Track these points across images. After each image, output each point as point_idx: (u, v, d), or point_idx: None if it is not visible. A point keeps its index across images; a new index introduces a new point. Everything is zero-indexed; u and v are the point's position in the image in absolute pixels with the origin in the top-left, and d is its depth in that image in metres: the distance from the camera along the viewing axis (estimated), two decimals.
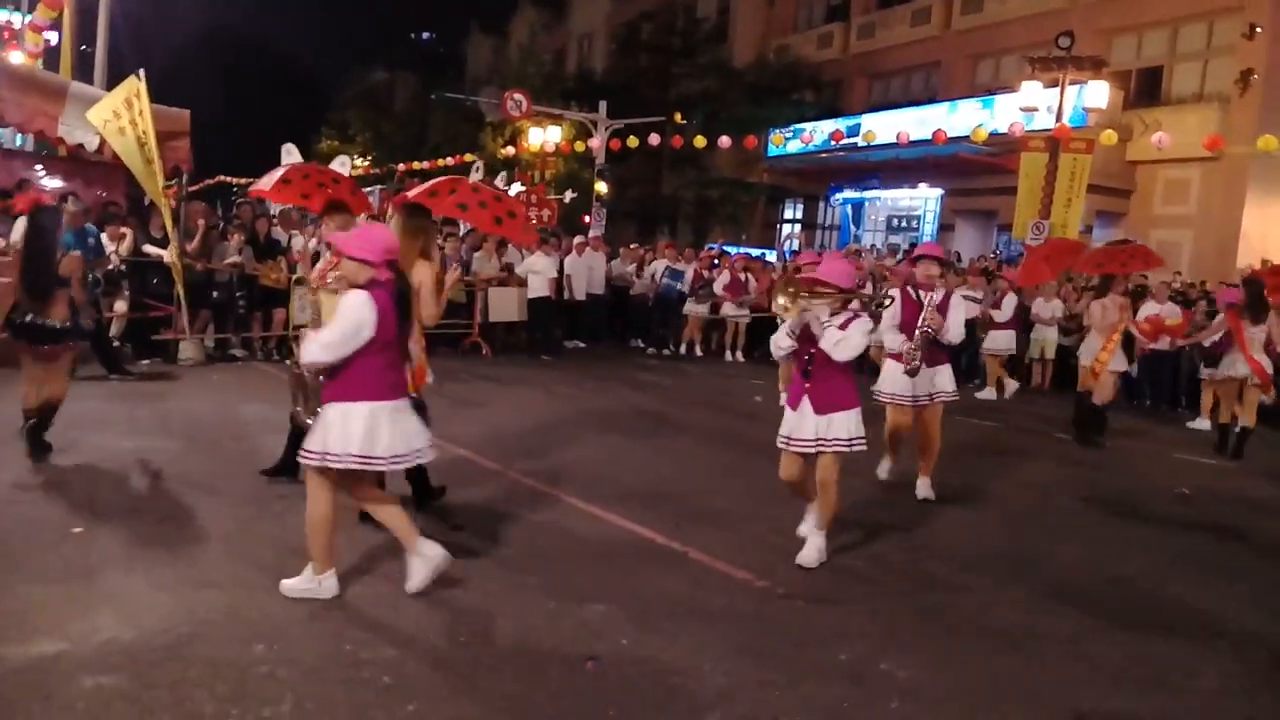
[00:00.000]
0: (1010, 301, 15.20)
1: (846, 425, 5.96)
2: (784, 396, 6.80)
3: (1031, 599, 5.90)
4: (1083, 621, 5.57)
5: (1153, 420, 13.89)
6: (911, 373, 7.67)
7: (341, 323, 4.86)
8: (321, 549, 5.08)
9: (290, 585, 5.07)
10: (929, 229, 28.67)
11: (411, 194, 6.99)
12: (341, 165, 10.42)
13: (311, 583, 5.07)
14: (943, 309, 7.75)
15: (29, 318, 7.22)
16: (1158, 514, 8.46)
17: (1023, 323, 15.95)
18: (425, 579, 5.18)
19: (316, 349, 4.89)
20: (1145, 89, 25.17)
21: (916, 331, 7.65)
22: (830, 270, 6.08)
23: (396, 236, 5.62)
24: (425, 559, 5.20)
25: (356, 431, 4.89)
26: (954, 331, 7.80)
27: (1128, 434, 12.22)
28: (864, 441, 6.07)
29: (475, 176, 8.42)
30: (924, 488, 8.07)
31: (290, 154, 11.78)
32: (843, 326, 5.87)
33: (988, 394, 14.79)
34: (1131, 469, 10.40)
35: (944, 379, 7.96)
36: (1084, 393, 11.39)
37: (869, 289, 11.41)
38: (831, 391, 5.97)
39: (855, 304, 6.00)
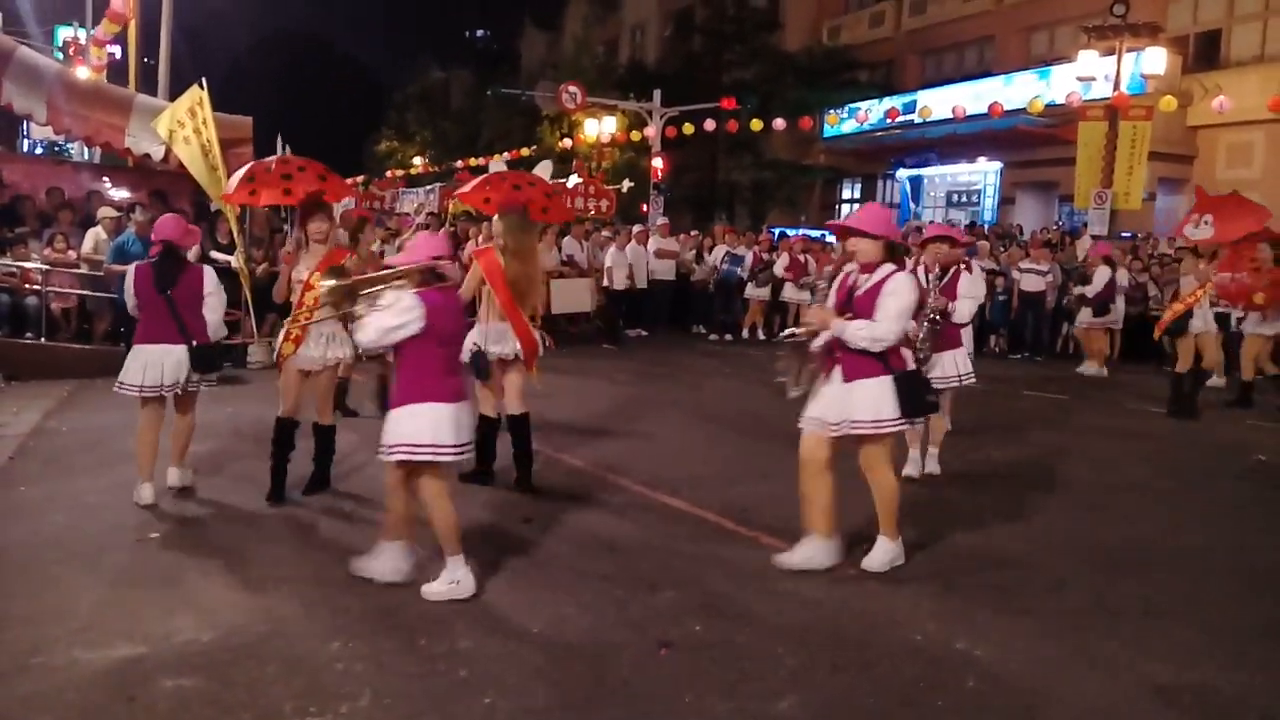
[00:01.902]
0: (1102, 275, 14.90)
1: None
2: None
3: (1105, 574, 5.83)
4: (1158, 596, 5.50)
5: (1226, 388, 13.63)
6: (921, 360, 7.25)
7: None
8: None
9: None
10: (989, 203, 28.35)
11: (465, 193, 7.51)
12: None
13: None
14: (950, 288, 7.54)
15: None
16: (1233, 482, 8.33)
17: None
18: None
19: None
20: (1204, 53, 24.63)
21: (924, 318, 7.34)
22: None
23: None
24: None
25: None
26: (960, 312, 7.52)
27: (1200, 401, 12.03)
28: None
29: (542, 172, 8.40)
30: (932, 462, 7.90)
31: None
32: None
33: (1089, 369, 14.64)
34: (1206, 438, 10.23)
35: (950, 364, 7.56)
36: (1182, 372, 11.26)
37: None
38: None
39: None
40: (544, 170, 7.99)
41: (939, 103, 24.32)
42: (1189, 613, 5.27)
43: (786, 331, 5.88)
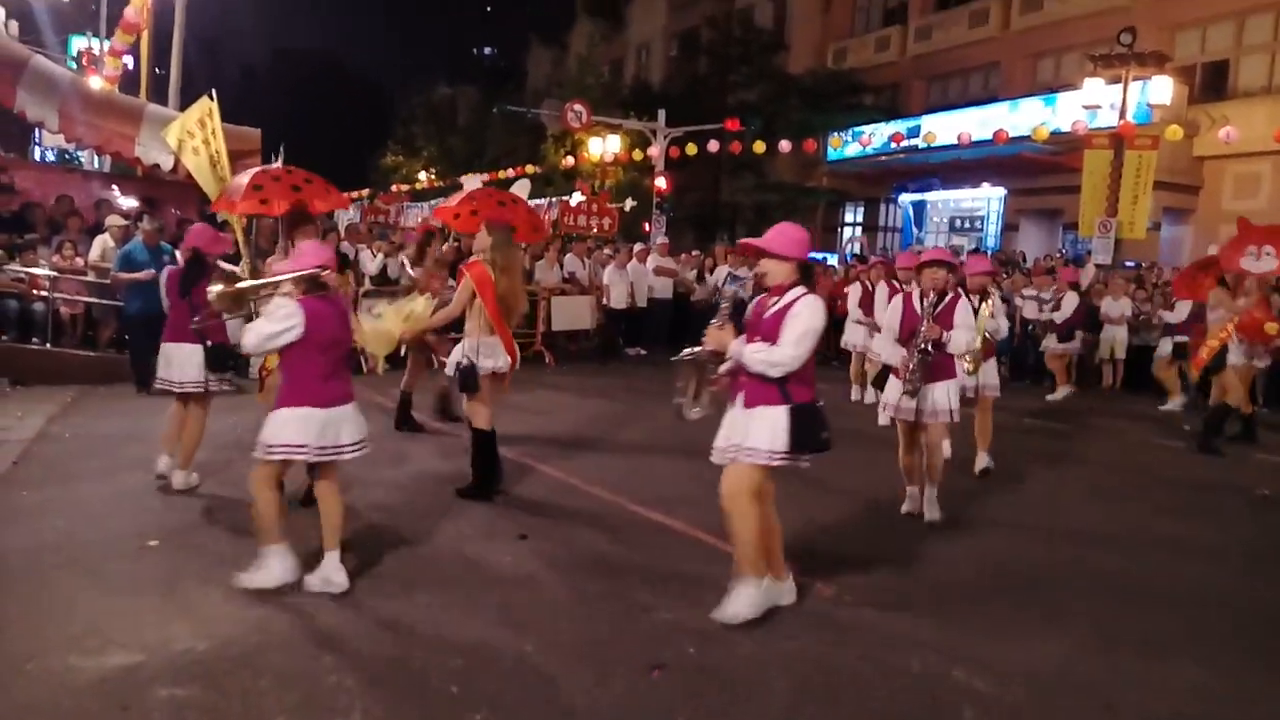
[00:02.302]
0: (1071, 301, 14.98)
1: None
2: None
3: (1105, 605, 5.82)
4: (1159, 629, 5.49)
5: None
6: (911, 393, 7.12)
7: None
8: None
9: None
10: (992, 229, 28.39)
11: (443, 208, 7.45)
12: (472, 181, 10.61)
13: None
14: (946, 316, 7.21)
15: None
16: (1236, 516, 8.32)
17: (1090, 322, 15.79)
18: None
19: None
20: (1211, 83, 24.70)
21: (914, 347, 7.10)
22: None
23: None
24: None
25: None
26: (956, 342, 7.18)
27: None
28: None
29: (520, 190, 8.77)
30: (932, 508, 7.43)
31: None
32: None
33: (1060, 393, 14.67)
34: (1209, 471, 10.22)
35: (942, 397, 7.20)
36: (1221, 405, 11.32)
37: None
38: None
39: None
40: (522, 189, 8.12)
41: (944, 128, 24.40)
42: (1190, 646, 5.25)
43: (686, 350, 5.51)
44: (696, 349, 5.43)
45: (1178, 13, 24.77)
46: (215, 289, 5.52)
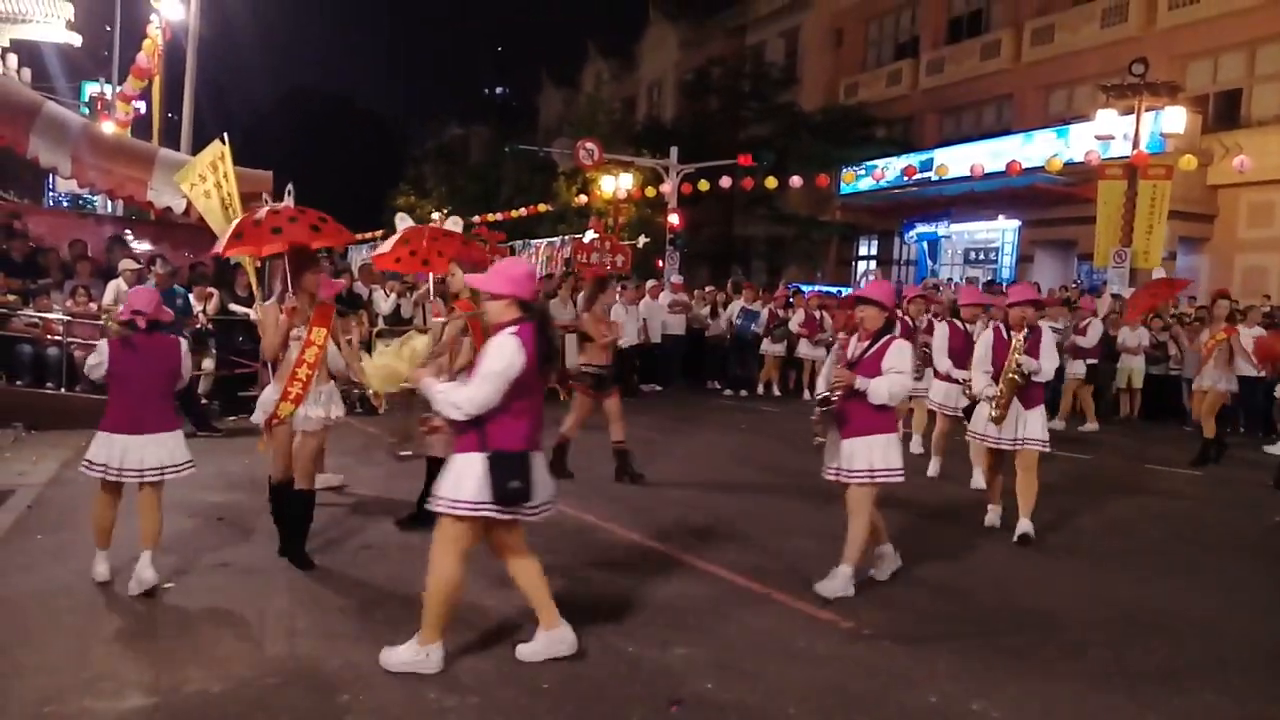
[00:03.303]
0: (1097, 329, 14.88)
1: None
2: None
3: (1124, 636, 5.78)
4: (1178, 659, 5.44)
5: (1246, 447, 13.53)
6: (821, 440, 6.49)
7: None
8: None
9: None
10: (1007, 261, 28.33)
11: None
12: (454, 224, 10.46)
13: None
14: (874, 360, 6.14)
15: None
16: (1252, 544, 8.26)
17: (1107, 352, 15.73)
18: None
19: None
20: (1224, 112, 24.65)
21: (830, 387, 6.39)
22: None
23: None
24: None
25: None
26: (875, 391, 6.07)
27: (1220, 461, 11.98)
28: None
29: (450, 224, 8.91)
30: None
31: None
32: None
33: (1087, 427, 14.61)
34: (1224, 499, 10.14)
35: (862, 454, 6.22)
36: None
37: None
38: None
39: None
40: (455, 225, 8.16)
41: (957, 160, 24.41)
42: (1209, 677, 5.20)
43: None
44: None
45: (1189, 43, 24.79)
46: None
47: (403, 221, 9.44)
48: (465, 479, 4.71)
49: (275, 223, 6.61)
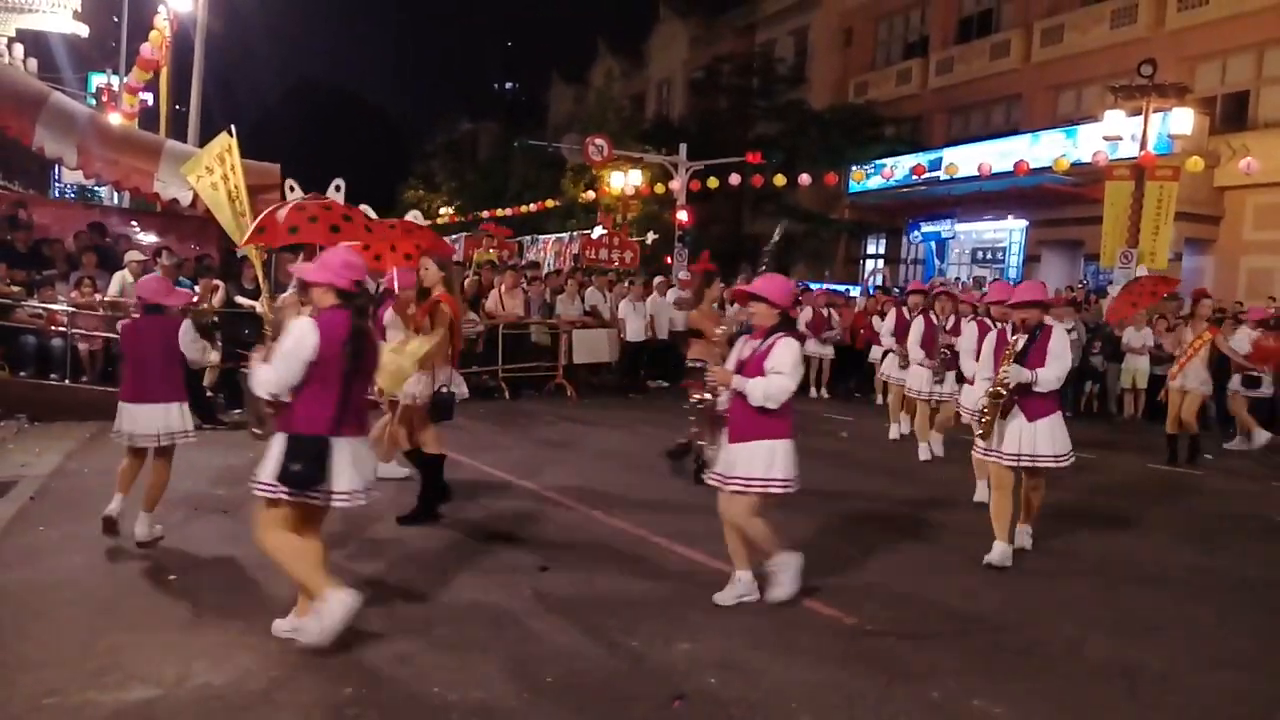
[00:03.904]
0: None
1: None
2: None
3: (1126, 634, 5.77)
4: (1178, 658, 5.44)
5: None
6: (703, 457, 6.39)
7: None
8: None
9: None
10: (1014, 260, 28.30)
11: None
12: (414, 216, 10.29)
13: (319, 616, 4.89)
14: (757, 361, 5.80)
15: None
16: (1252, 544, 8.26)
17: (1112, 352, 15.74)
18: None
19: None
20: (1231, 114, 24.62)
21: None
22: None
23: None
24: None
25: None
26: (752, 393, 5.72)
27: (1222, 460, 11.97)
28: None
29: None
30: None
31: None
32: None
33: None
34: (1227, 499, 10.13)
35: (759, 459, 5.84)
36: None
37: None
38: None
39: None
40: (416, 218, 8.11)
41: (965, 160, 24.37)
42: (1210, 676, 5.20)
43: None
44: None
45: (1197, 44, 24.75)
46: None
47: (416, 219, 9.42)
48: (269, 459, 4.89)
49: (294, 221, 6.43)
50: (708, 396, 5.82)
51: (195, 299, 12.00)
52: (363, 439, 5.13)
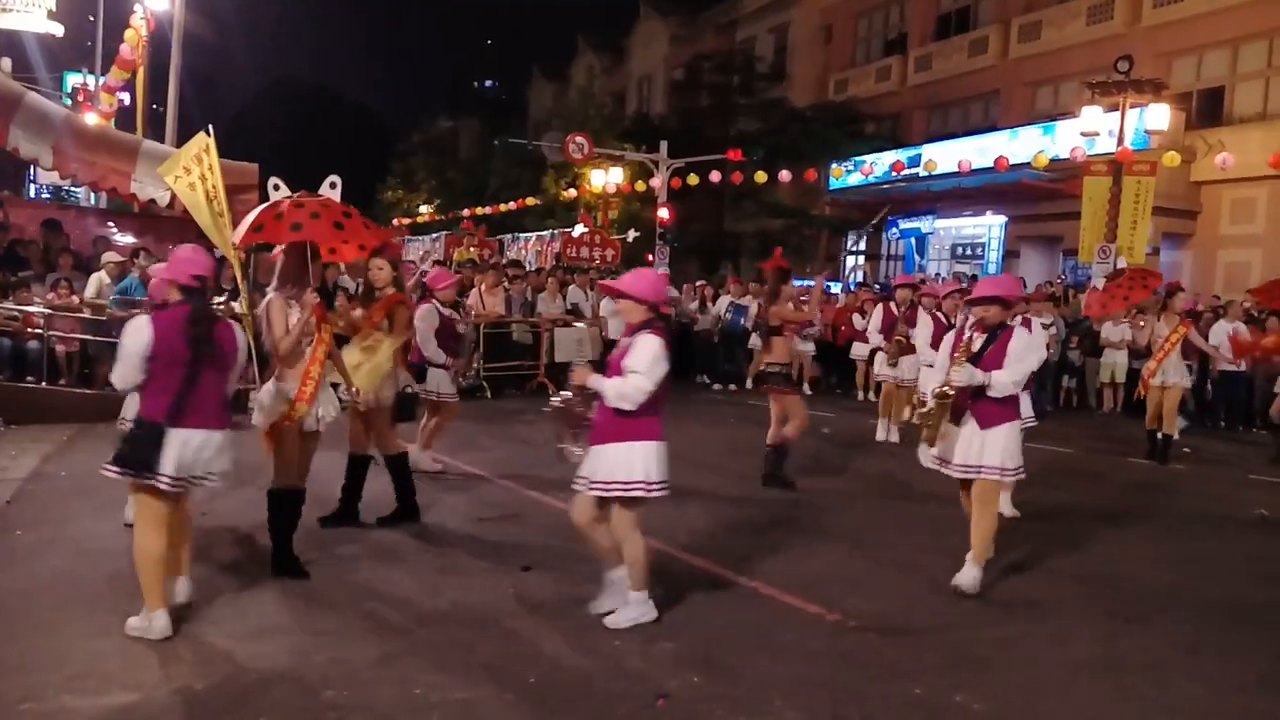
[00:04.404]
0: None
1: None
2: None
3: (1110, 627, 5.81)
4: (1160, 649, 5.48)
5: (1228, 440, 13.61)
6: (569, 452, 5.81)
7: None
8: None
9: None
10: (994, 256, 28.42)
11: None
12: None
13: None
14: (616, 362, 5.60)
15: None
16: (1234, 536, 8.34)
17: (1090, 346, 15.85)
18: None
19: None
20: (1207, 110, 24.76)
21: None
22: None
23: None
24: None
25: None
26: (608, 395, 5.43)
27: (1202, 454, 12.05)
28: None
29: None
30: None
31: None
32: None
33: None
34: (1208, 492, 10.20)
35: (629, 463, 5.49)
36: None
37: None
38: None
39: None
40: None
41: (944, 156, 24.47)
42: (1191, 666, 5.25)
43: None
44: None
45: (1173, 40, 24.89)
46: None
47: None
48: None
49: (296, 218, 6.18)
50: (566, 395, 5.68)
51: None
52: (213, 431, 5.22)
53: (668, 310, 5.50)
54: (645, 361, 5.27)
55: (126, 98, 20.89)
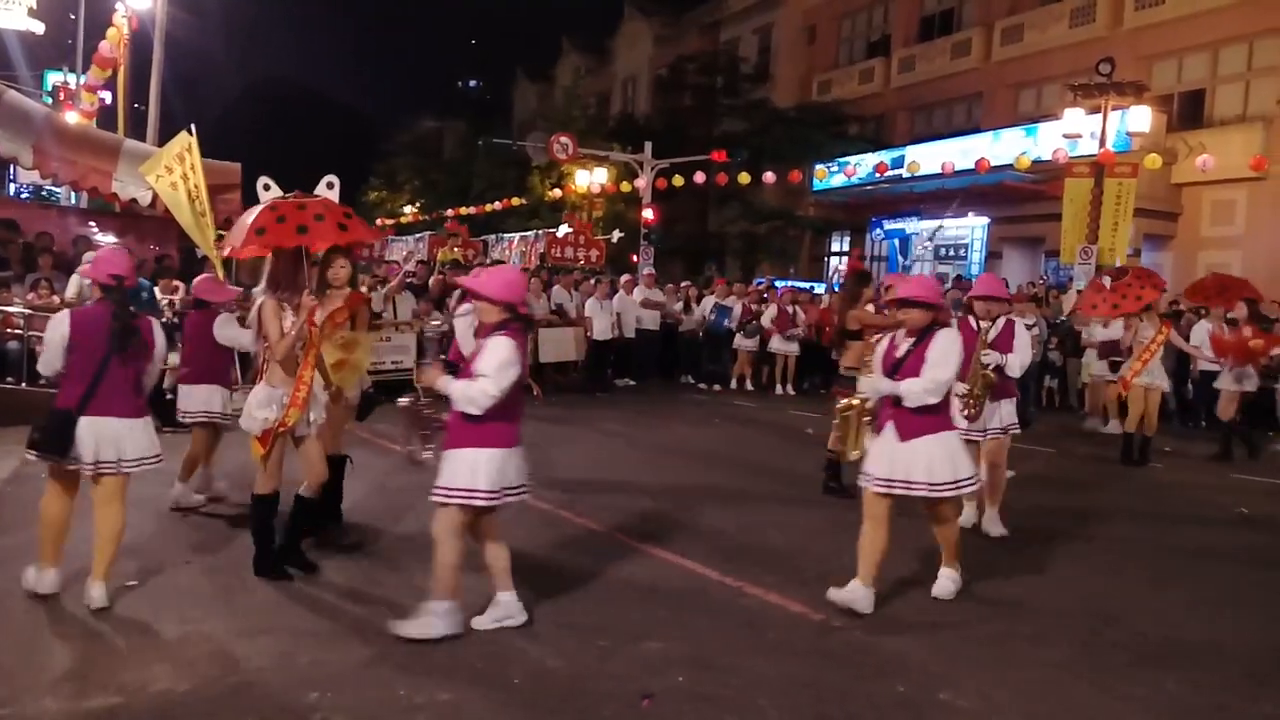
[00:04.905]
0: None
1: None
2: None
3: (1090, 625, 5.84)
4: (1143, 648, 5.52)
5: (1209, 440, 13.65)
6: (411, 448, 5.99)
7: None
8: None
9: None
10: (976, 257, 28.52)
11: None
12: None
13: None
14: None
15: None
16: (1215, 534, 8.41)
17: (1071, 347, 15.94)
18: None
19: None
20: (1188, 112, 24.93)
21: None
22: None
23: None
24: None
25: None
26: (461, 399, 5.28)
27: (1183, 455, 12.12)
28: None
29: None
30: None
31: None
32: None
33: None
34: (1188, 491, 10.26)
35: (459, 469, 5.33)
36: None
37: None
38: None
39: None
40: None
41: (927, 158, 24.53)
42: (1173, 664, 5.29)
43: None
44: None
45: (1154, 43, 25.06)
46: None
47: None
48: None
49: (301, 220, 6.04)
50: (413, 397, 5.68)
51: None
52: (125, 419, 5.55)
53: (525, 310, 5.33)
54: (494, 365, 5.02)
55: (108, 97, 20.78)
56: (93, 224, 15.19)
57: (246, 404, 6.07)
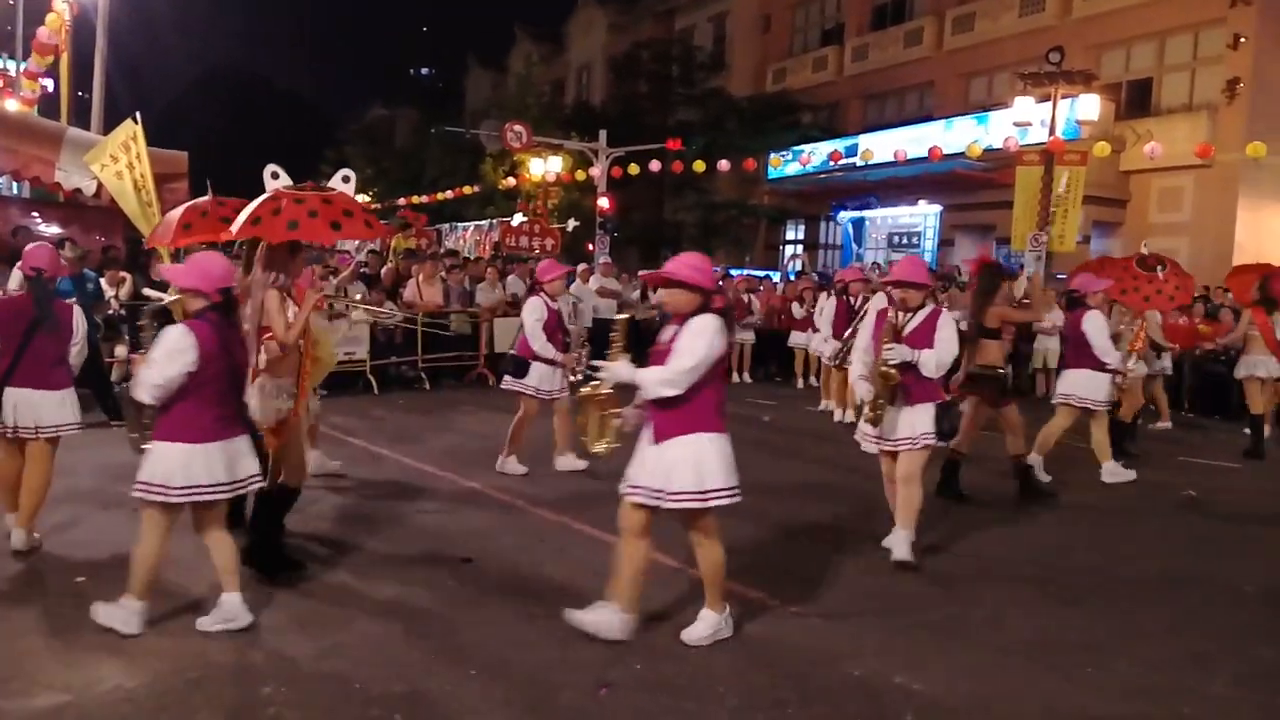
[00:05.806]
0: None
1: None
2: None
3: (1045, 608, 5.94)
4: (1094, 628, 5.61)
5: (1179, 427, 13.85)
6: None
7: None
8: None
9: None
10: (929, 244, 28.76)
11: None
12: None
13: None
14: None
15: None
16: (1165, 517, 8.55)
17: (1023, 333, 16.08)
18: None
19: None
20: (1136, 100, 25.30)
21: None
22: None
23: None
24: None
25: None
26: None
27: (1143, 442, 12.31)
28: None
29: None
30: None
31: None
32: None
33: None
34: (1139, 475, 10.40)
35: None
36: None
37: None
38: None
39: None
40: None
41: (880, 146, 24.67)
42: (1124, 645, 5.37)
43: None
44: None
45: (1103, 33, 25.38)
46: None
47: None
48: None
49: (294, 215, 5.89)
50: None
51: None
52: (46, 390, 6.28)
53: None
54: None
55: (50, 84, 20.41)
56: (35, 214, 14.90)
57: (254, 397, 5.82)
